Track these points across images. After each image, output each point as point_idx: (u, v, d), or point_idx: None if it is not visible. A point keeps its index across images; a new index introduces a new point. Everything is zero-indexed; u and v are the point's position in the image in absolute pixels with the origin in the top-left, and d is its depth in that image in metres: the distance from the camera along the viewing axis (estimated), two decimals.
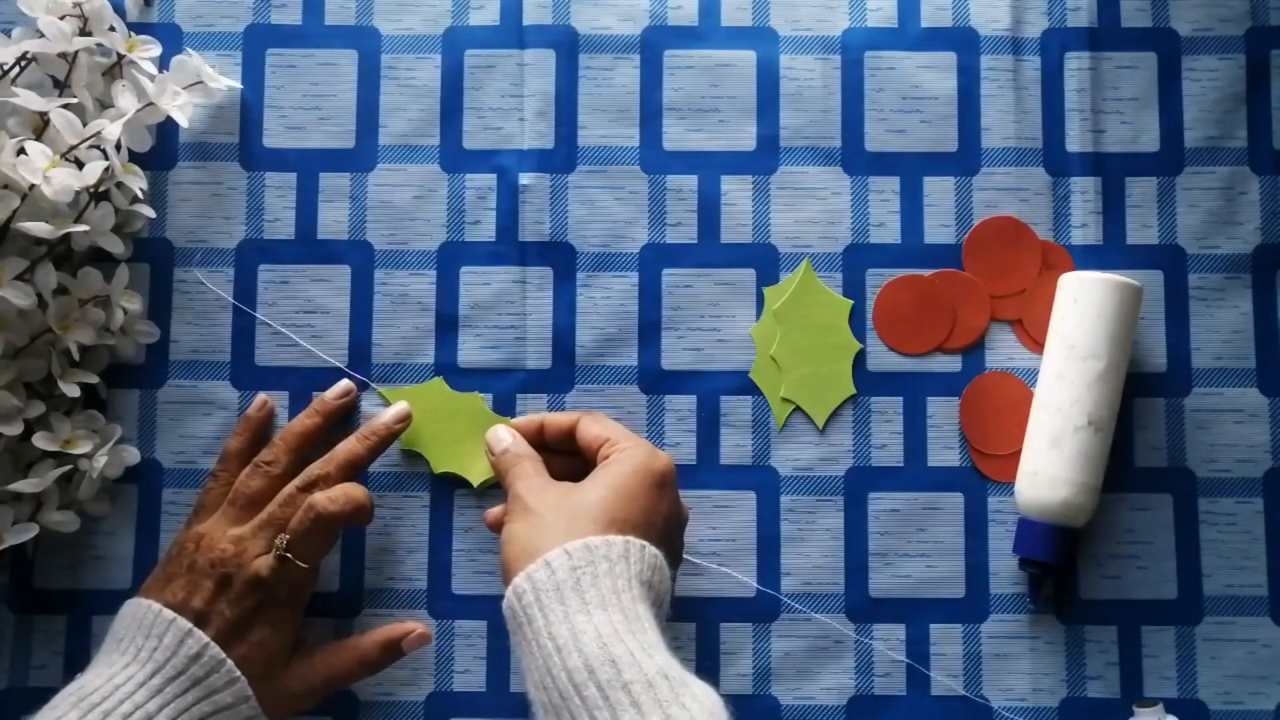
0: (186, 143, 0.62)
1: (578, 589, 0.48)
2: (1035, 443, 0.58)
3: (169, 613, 0.52)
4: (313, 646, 0.56)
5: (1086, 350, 0.57)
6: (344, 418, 0.60)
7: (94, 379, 0.58)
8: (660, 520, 0.52)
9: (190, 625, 0.51)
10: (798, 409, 0.61)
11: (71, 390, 0.56)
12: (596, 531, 0.50)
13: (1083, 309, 0.57)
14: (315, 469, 0.56)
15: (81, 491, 0.57)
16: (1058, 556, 0.57)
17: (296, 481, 0.56)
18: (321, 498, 0.54)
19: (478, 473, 0.60)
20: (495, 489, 0.60)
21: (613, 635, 0.46)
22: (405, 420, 0.59)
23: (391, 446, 0.59)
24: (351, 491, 0.56)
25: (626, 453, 0.54)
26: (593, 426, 0.56)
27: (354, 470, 0.57)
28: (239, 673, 0.52)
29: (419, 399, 0.60)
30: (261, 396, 0.60)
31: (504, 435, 0.57)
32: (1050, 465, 0.57)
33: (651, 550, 0.51)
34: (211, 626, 0.52)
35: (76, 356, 0.56)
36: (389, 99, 0.62)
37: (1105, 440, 0.57)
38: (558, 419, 0.58)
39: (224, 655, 0.52)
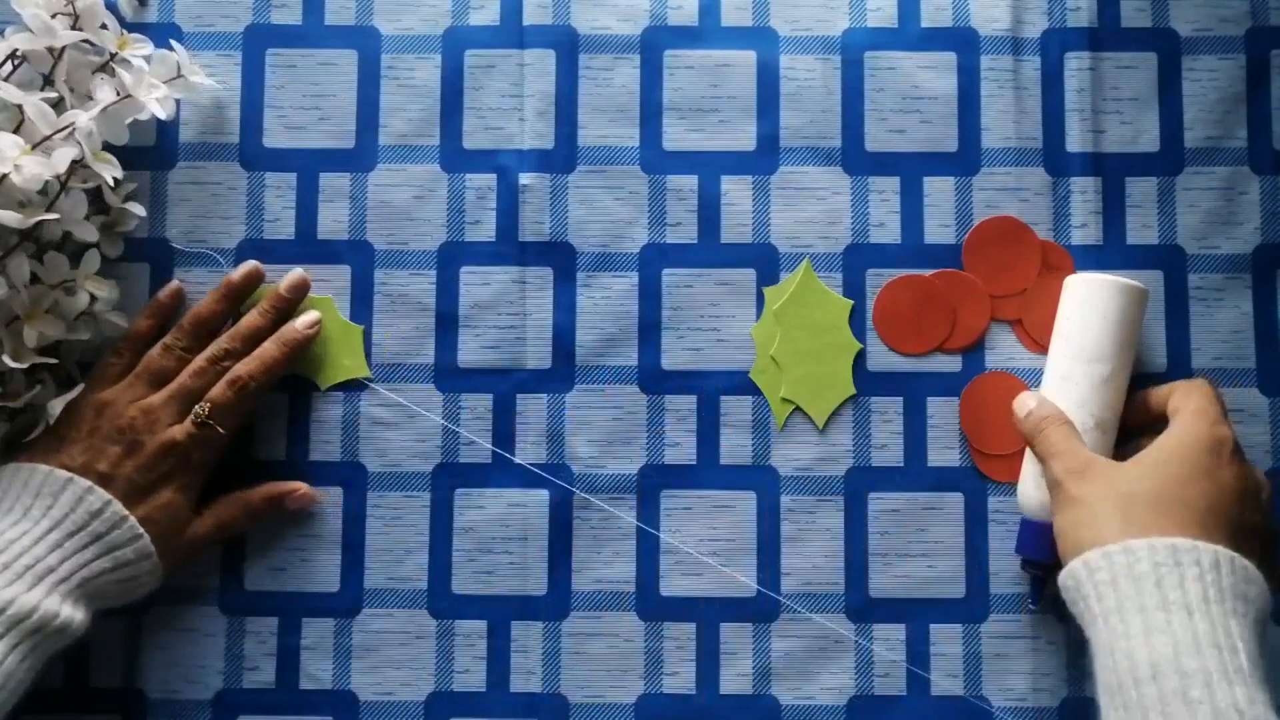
0: (185, 143, 0.62)
1: (1159, 586, 0.45)
2: None
3: (63, 473, 0.53)
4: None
5: (1093, 353, 0.57)
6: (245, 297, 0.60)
7: (53, 360, 0.57)
8: (1226, 503, 0.48)
9: (89, 484, 0.53)
10: (797, 409, 0.61)
11: (20, 363, 0.55)
12: (1155, 524, 0.46)
13: (1089, 311, 0.57)
14: (223, 342, 0.58)
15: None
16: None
17: (206, 353, 0.57)
18: (241, 367, 0.57)
19: (325, 376, 0.61)
20: (338, 390, 0.60)
21: (1190, 645, 0.43)
22: (315, 325, 0.60)
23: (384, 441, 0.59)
24: (266, 353, 0.58)
25: (1178, 426, 0.51)
26: (1174, 398, 0.54)
27: (256, 341, 0.58)
28: (141, 530, 0.53)
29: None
30: (174, 282, 0.60)
31: (1027, 400, 0.57)
32: None
33: (1242, 562, 0.46)
34: (115, 489, 0.54)
35: (31, 344, 0.55)
36: (389, 99, 0.62)
37: (1109, 442, 0.57)
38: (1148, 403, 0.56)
39: (126, 513, 0.53)
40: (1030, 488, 0.57)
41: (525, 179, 0.62)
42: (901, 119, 0.62)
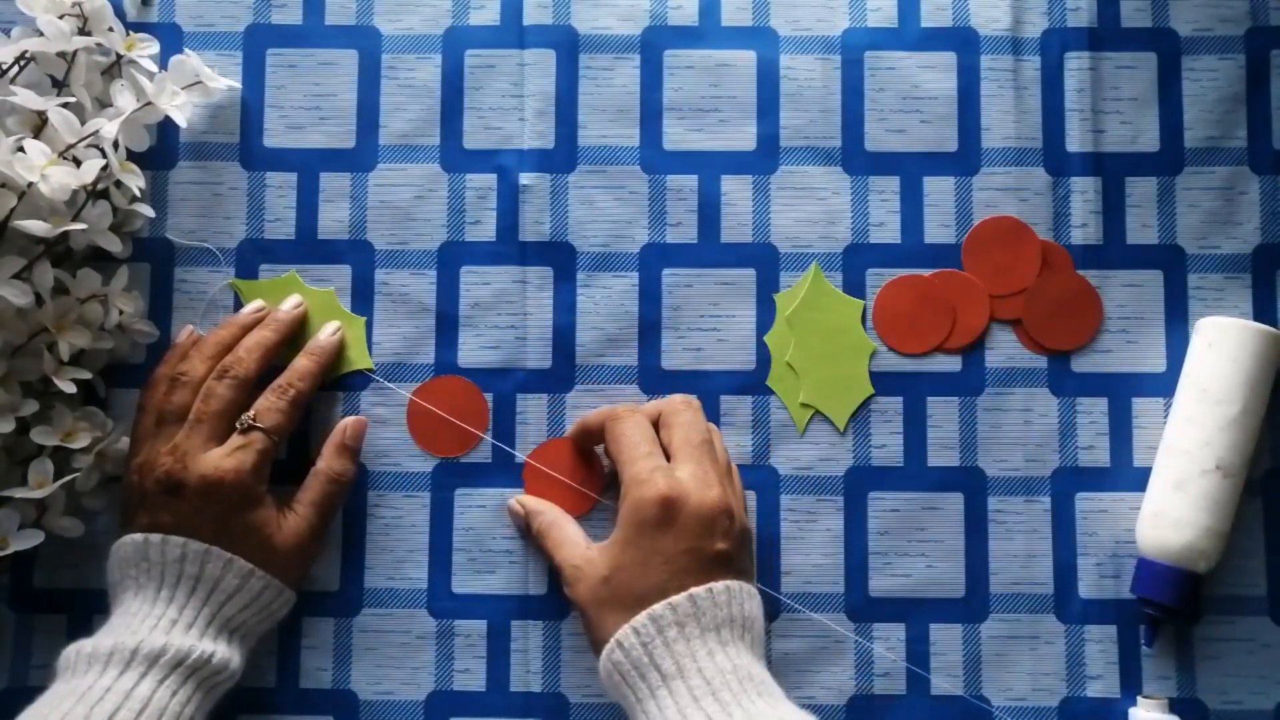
0: (186, 143, 0.62)
1: (654, 662, 0.50)
2: (1160, 484, 0.57)
3: (135, 535, 0.53)
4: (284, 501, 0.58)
5: (1219, 394, 0.57)
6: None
7: (86, 375, 0.57)
8: (686, 558, 0.52)
9: (145, 536, 0.53)
10: (817, 412, 0.61)
11: (67, 386, 0.56)
12: (632, 610, 0.51)
13: (1218, 354, 0.57)
14: (227, 360, 0.57)
15: (79, 483, 0.57)
16: (1178, 600, 0.56)
17: (214, 374, 0.56)
18: (280, 378, 0.57)
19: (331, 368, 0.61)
20: (338, 389, 0.60)
21: (690, 704, 0.48)
22: (338, 331, 0.60)
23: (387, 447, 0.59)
24: (299, 364, 0.58)
25: (624, 501, 0.54)
26: (611, 447, 0.56)
27: (265, 355, 0.58)
28: (227, 554, 0.54)
29: (273, 293, 0.61)
30: (189, 327, 0.60)
31: (516, 506, 0.59)
32: (1174, 507, 0.56)
33: (722, 585, 0.52)
34: (185, 532, 0.53)
35: (65, 358, 0.56)
36: (389, 99, 0.62)
37: (1234, 487, 0.57)
38: (584, 431, 0.59)
39: (202, 545, 0.53)
40: (1148, 527, 0.57)
41: (525, 179, 0.62)
42: (901, 119, 0.62)
